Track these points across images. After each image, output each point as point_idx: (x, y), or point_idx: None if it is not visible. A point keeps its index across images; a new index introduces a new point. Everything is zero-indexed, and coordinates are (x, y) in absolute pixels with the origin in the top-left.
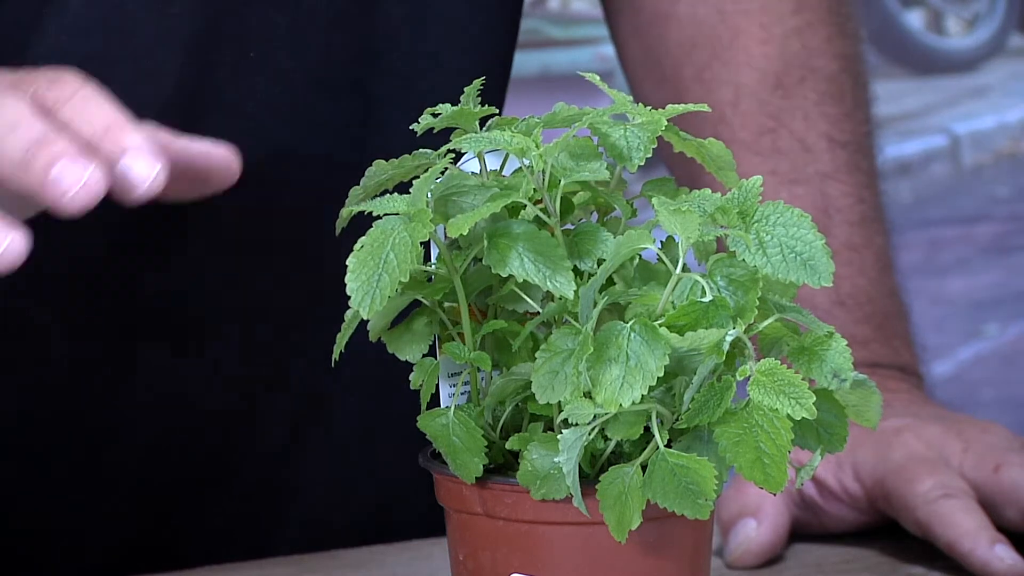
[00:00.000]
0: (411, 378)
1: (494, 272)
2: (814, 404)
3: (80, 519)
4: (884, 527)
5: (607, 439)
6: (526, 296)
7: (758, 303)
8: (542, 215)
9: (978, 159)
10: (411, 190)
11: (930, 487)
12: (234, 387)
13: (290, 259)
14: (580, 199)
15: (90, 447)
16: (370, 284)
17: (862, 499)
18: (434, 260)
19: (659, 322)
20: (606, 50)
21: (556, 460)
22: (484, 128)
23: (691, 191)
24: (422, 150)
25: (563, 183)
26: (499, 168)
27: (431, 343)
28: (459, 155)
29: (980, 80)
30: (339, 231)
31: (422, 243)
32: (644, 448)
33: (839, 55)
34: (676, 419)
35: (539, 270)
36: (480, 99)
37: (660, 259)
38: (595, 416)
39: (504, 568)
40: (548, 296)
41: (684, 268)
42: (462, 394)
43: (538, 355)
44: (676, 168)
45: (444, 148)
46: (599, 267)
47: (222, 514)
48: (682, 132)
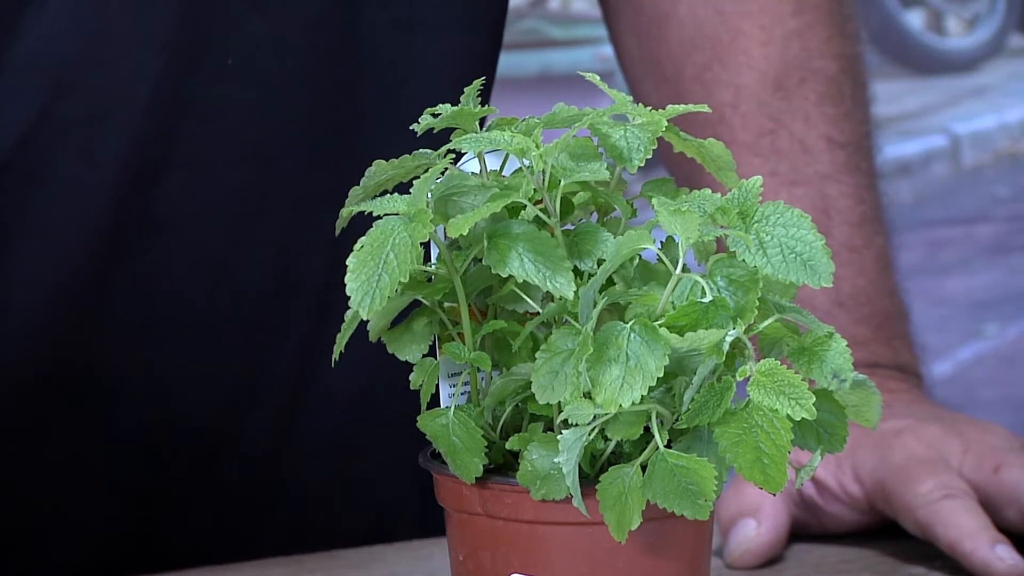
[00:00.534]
0: (411, 378)
1: (494, 272)
2: (814, 404)
3: (64, 520)
4: (884, 527)
5: (607, 439)
6: (526, 296)
7: (758, 303)
8: (542, 215)
9: (978, 159)
10: (411, 190)
11: (931, 488)
12: (218, 388)
13: (272, 263)
14: (580, 199)
15: (74, 449)
16: (370, 284)
17: (862, 500)
18: (434, 260)
19: (659, 322)
20: (606, 50)
21: (556, 460)
22: (484, 128)
23: (691, 191)
24: (422, 150)
25: (563, 183)
26: (499, 168)
27: (431, 343)
28: (459, 155)
29: (980, 80)
30: (339, 231)
31: (422, 243)
32: (644, 448)
33: (839, 56)
34: (676, 419)
35: (539, 270)
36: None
37: (660, 259)
38: (595, 416)
39: (504, 568)
40: (548, 296)
41: (684, 268)
42: (462, 394)
43: (538, 355)
44: (675, 169)
45: (444, 148)
46: (599, 267)
47: (206, 515)
48: (682, 132)
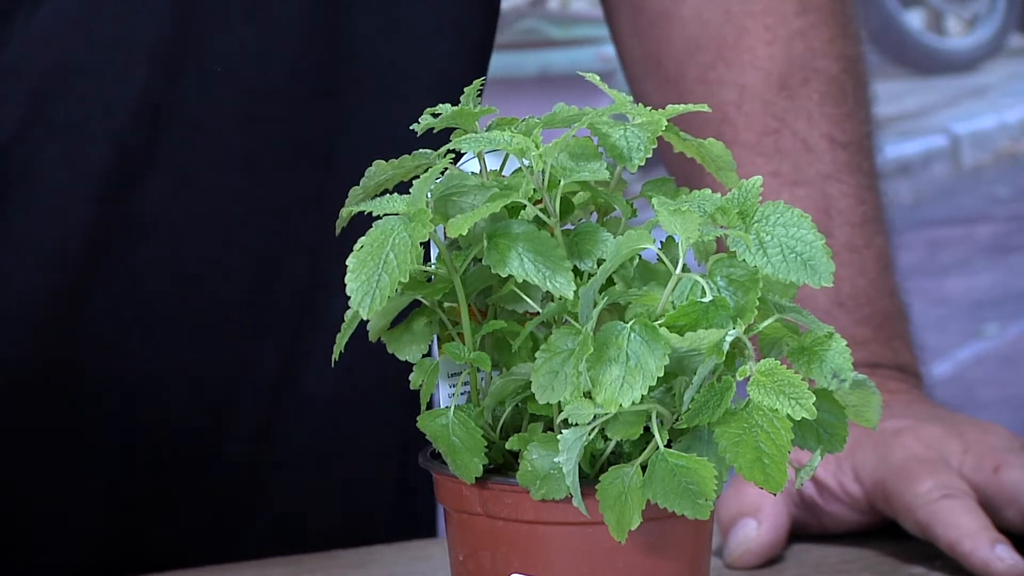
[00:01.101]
0: (411, 378)
1: (494, 272)
2: (814, 404)
3: (52, 521)
4: (884, 527)
5: (607, 439)
6: (526, 296)
7: (758, 303)
8: (542, 215)
9: (978, 159)
10: (411, 190)
11: (930, 487)
12: (200, 391)
13: (255, 269)
14: (580, 199)
15: (58, 451)
16: (370, 284)
17: (862, 500)
18: (434, 260)
19: (659, 322)
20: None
21: (556, 460)
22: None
23: (691, 191)
24: (422, 150)
25: (563, 183)
26: (499, 168)
27: (431, 343)
28: (459, 155)
29: (980, 80)
30: (339, 231)
31: (422, 243)
32: (644, 448)
33: (841, 56)
34: (676, 419)
35: (539, 270)
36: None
37: (660, 259)
38: (595, 416)
39: (504, 568)
40: (548, 296)
41: (684, 268)
42: (462, 394)
43: (538, 355)
44: (675, 168)
45: (444, 148)
46: (599, 267)
47: (188, 520)
48: (682, 132)
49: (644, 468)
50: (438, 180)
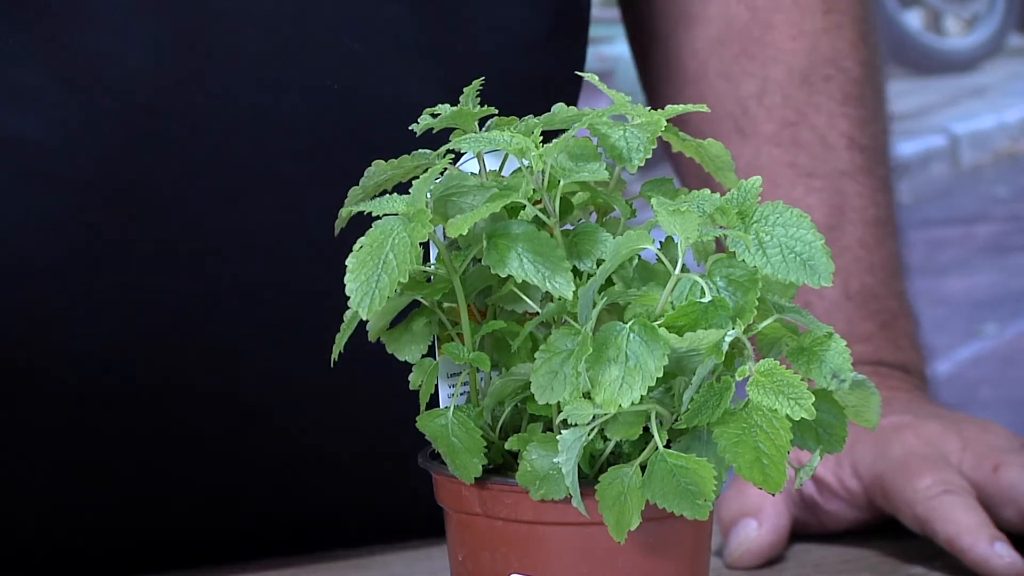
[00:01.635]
0: (410, 378)
1: (493, 272)
2: (813, 404)
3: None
4: (884, 527)
5: (606, 439)
6: (525, 296)
7: (757, 303)
8: (541, 215)
9: (977, 159)
10: (411, 190)
11: (930, 483)
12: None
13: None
14: (579, 199)
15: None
16: (369, 284)
17: (861, 496)
18: (434, 260)
19: (658, 322)
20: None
21: (555, 460)
22: (483, 128)
23: (691, 191)
24: (422, 150)
25: (562, 183)
26: (498, 168)
27: (430, 343)
28: (459, 155)
29: (979, 80)
30: (338, 231)
31: (421, 243)
32: (643, 448)
33: (863, 62)
34: (675, 419)
35: (538, 270)
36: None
37: (659, 259)
38: (594, 416)
39: (504, 568)
40: (547, 296)
41: (683, 268)
42: (461, 394)
43: (537, 355)
44: (681, 167)
45: (443, 148)
46: (598, 267)
47: (188, 520)
48: (681, 133)
49: (643, 468)
50: (437, 180)
